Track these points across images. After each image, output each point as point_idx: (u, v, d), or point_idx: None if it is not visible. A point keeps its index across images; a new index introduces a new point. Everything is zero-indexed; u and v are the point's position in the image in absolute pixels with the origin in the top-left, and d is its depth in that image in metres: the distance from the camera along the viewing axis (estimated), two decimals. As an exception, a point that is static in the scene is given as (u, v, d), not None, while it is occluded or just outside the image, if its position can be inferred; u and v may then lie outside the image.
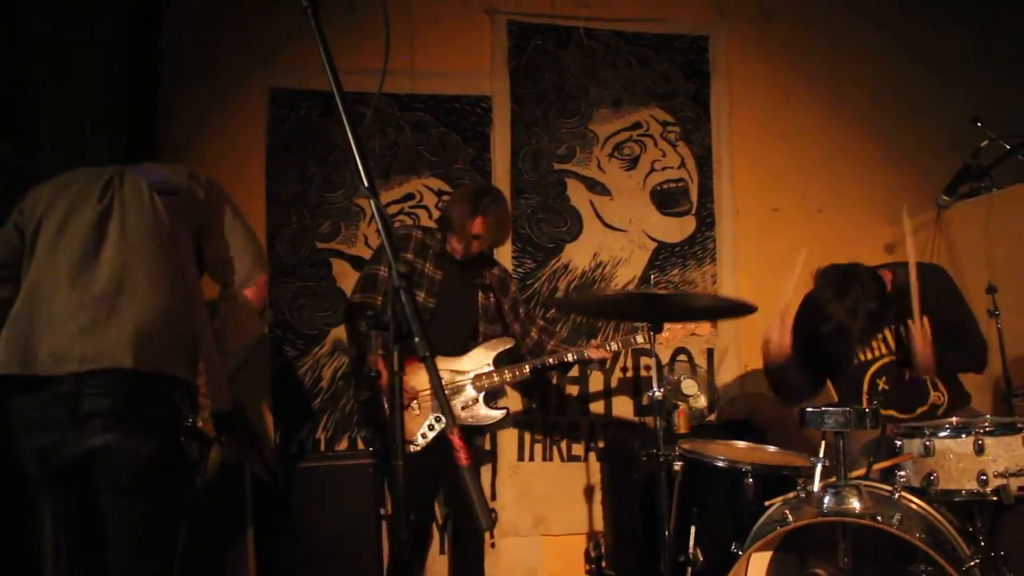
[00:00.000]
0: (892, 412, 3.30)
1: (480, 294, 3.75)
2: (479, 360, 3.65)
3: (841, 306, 3.10)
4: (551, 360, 3.68)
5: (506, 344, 3.71)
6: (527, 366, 3.66)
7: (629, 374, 4.52)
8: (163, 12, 4.19)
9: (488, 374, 3.63)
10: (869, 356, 3.36)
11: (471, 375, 3.62)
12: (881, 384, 3.34)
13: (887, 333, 3.34)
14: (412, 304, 1.61)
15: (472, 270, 3.72)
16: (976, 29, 4.96)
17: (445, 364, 3.61)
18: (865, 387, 3.35)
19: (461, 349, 3.66)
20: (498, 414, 3.64)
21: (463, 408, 3.60)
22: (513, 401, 4.37)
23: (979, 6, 4.98)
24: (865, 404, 3.29)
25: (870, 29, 4.88)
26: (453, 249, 3.62)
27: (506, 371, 3.64)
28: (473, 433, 3.74)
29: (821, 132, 4.81)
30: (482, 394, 3.61)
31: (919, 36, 4.90)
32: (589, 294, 4.43)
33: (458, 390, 3.61)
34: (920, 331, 3.12)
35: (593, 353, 3.70)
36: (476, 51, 4.54)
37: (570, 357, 3.69)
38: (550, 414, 4.45)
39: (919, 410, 3.27)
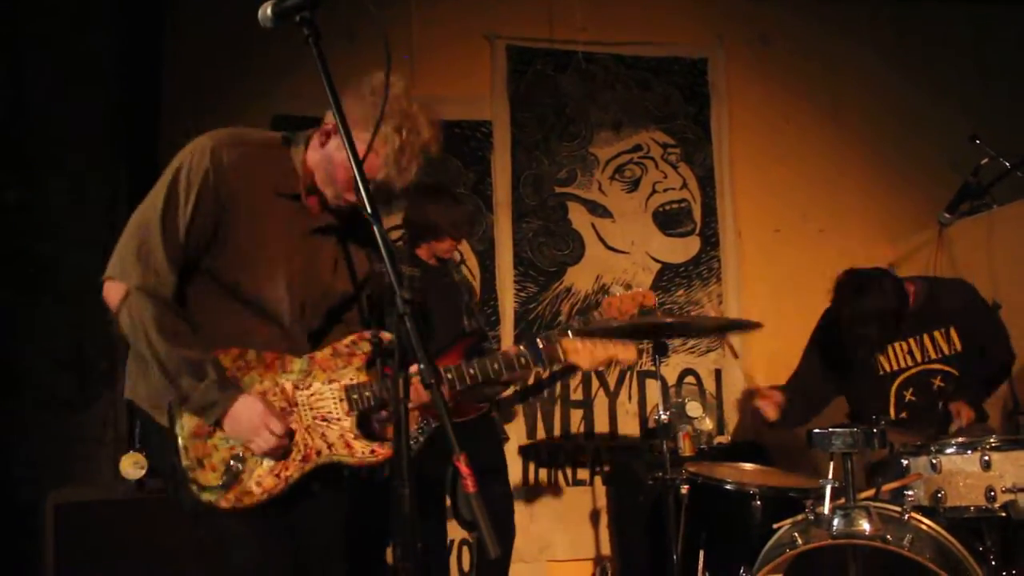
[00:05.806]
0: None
1: (456, 290, 3.76)
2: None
3: (859, 307, 3.13)
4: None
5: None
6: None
7: (635, 397, 4.50)
8: (164, 40, 4.21)
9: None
10: (894, 367, 3.35)
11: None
12: (908, 396, 3.33)
13: (912, 343, 3.32)
14: (416, 332, 1.59)
15: (441, 269, 3.73)
16: (972, 49, 4.99)
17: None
18: (892, 399, 3.35)
19: (449, 345, 3.64)
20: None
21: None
22: (516, 426, 4.35)
23: (975, 27, 5.01)
24: (892, 414, 3.32)
25: (868, 52, 4.91)
26: (430, 249, 3.64)
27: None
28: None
29: (821, 153, 4.82)
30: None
31: (916, 57, 4.93)
32: (591, 325, 4.38)
33: None
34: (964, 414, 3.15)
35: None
36: (476, 76, 4.56)
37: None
38: (555, 439, 4.43)
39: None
